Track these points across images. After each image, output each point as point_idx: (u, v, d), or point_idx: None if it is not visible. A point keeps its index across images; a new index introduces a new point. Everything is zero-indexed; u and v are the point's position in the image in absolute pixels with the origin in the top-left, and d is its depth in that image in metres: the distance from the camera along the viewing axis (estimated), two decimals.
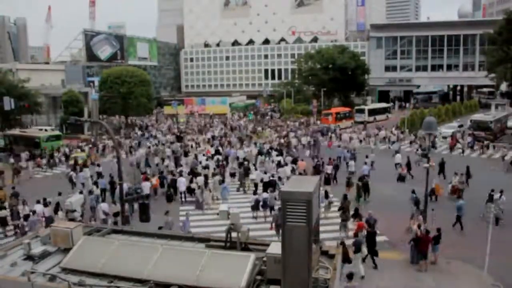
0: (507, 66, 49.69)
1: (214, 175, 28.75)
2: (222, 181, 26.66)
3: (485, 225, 15.84)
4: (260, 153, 34.57)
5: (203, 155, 35.61)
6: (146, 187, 25.06)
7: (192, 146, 41.19)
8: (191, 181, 26.16)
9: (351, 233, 18.79)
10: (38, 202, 21.47)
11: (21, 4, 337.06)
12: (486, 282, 14.56)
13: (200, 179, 26.05)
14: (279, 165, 30.06)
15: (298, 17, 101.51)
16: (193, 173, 28.12)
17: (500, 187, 21.53)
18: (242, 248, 8.00)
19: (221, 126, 58.15)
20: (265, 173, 27.03)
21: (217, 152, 35.92)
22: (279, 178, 26.01)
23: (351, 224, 19.72)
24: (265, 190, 23.96)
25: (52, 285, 7.02)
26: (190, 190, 25.68)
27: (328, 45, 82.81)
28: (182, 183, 25.60)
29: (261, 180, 26.00)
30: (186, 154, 35.85)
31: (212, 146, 40.79)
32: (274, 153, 34.60)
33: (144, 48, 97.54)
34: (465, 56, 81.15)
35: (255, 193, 23.34)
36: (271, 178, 25.80)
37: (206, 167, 29.44)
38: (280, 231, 19.65)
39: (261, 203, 22.01)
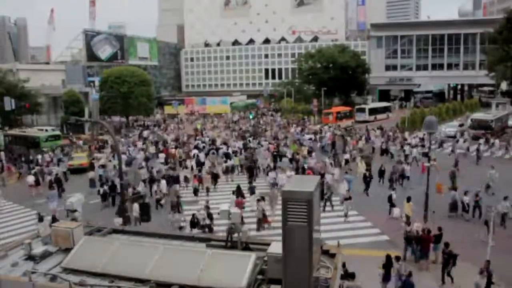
0: (507, 65, 49.65)
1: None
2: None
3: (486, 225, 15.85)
4: None
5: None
6: (161, 157, 34.40)
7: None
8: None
9: None
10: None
11: (22, 4, 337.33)
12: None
13: (202, 155, 34.32)
14: None
15: (298, 17, 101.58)
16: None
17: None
18: (243, 248, 7.99)
19: (226, 132, 51.42)
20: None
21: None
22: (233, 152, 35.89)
23: None
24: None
25: (53, 285, 7.02)
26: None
27: (329, 44, 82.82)
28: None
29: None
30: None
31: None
32: None
33: (144, 48, 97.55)
34: (465, 55, 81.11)
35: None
36: (227, 151, 35.52)
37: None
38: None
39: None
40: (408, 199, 20.09)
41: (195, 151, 36.36)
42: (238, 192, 23.79)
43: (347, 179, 25.32)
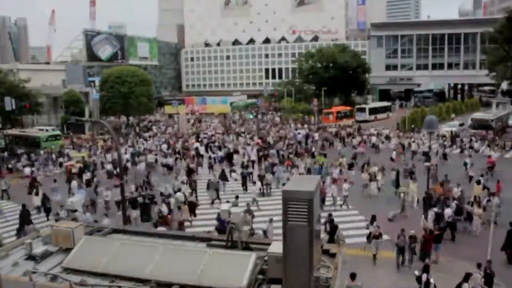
0: (507, 65, 49.60)
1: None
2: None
3: (486, 224, 15.83)
4: None
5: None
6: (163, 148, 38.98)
7: None
8: None
9: None
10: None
11: (21, 4, 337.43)
12: None
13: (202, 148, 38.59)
14: None
15: (298, 16, 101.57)
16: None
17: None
18: (243, 248, 7.99)
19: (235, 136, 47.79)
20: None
21: None
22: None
23: None
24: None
25: (53, 285, 7.02)
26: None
27: (329, 44, 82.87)
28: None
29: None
30: None
31: None
32: None
33: (144, 47, 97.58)
34: (466, 54, 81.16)
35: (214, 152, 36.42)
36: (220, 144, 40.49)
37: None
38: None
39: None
40: (478, 182, 22.74)
41: (197, 144, 40.07)
42: (222, 175, 27.80)
43: (315, 170, 27.85)
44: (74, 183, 27.05)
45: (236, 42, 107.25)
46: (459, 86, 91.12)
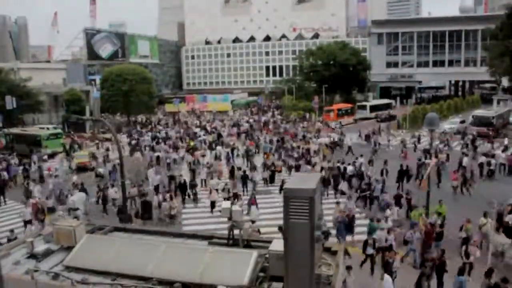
0: (503, 60, 49.43)
1: None
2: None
3: None
4: None
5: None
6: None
7: None
8: None
9: None
10: None
11: (22, 3, 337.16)
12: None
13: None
14: None
15: (299, 14, 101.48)
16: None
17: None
18: (244, 245, 8.00)
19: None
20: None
21: None
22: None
23: None
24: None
25: (55, 283, 7.04)
26: None
27: (329, 41, 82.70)
28: None
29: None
30: None
31: None
32: None
33: (145, 46, 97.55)
34: (466, 51, 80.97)
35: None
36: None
37: None
38: None
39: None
40: None
41: (197, 130, 47.41)
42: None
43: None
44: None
45: (236, 40, 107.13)
46: (460, 83, 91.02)
